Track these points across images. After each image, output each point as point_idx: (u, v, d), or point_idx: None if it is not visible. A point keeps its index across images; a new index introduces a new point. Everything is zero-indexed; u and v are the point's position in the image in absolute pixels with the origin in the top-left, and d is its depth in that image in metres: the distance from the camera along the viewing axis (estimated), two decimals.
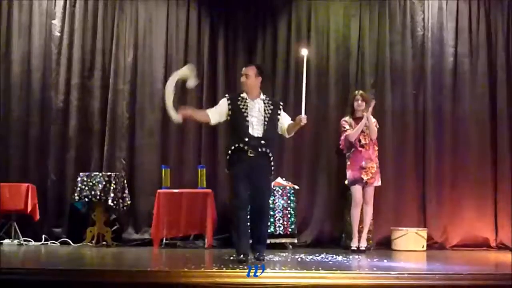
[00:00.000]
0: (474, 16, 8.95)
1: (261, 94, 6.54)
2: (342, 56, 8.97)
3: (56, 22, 8.87)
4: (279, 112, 6.52)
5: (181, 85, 8.80)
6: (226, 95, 6.77)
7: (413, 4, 9.01)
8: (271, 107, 6.47)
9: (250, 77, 6.46)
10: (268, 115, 6.41)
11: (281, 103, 6.67)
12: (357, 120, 7.95)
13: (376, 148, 7.95)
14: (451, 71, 8.90)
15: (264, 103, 6.47)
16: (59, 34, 8.86)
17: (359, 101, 7.95)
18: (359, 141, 7.88)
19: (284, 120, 6.57)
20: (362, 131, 7.89)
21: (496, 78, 8.85)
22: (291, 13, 9.03)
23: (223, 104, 6.53)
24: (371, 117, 7.85)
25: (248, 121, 6.35)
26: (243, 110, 6.38)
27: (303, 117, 6.32)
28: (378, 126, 8.01)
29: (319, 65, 8.95)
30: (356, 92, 8.13)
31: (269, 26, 9.04)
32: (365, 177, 7.81)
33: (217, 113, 6.55)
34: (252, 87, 6.47)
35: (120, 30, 8.95)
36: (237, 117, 6.39)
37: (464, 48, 8.93)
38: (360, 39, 8.95)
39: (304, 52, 6.49)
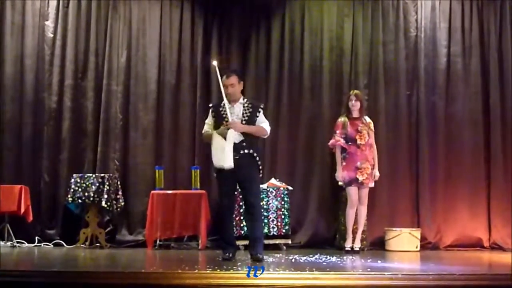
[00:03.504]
0: (467, 16, 8.97)
1: (242, 98, 6.74)
2: (336, 56, 8.98)
3: (49, 23, 8.85)
4: (257, 114, 6.68)
5: (176, 84, 8.90)
6: (210, 104, 6.99)
7: (406, 4, 9.03)
8: (250, 110, 6.66)
9: (235, 85, 6.68)
10: (246, 118, 6.61)
11: (261, 106, 6.81)
12: (353, 120, 7.95)
13: (373, 149, 7.95)
14: (444, 71, 8.92)
15: (244, 107, 6.66)
16: (52, 35, 8.83)
17: (353, 101, 7.97)
18: (355, 141, 7.89)
19: (258, 123, 6.70)
20: (359, 131, 7.90)
21: (489, 77, 8.88)
22: (285, 13, 9.03)
23: (209, 117, 6.82)
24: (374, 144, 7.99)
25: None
26: (224, 115, 6.58)
27: (230, 123, 6.48)
28: (373, 129, 8.02)
29: (313, 65, 8.96)
30: (351, 92, 8.15)
31: (262, 26, 9.04)
32: (360, 178, 7.82)
33: (211, 126, 6.76)
34: (236, 94, 6.69)
35: (113, 30, 8.93)
36: (219, 122, 6.60)
37: (457, 48, 8.95)
38: (354, 39, 8.96)
39: (214, 63, 6.70)
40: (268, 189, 8.25)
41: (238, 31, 9.03)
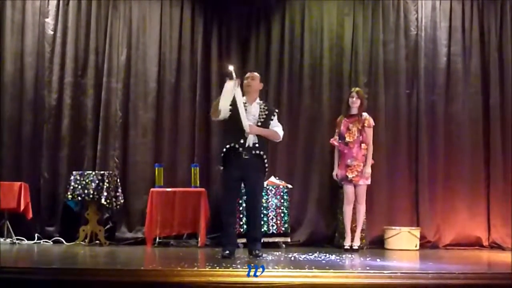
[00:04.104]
0: (467, 16, 8.97)
1: (258, 99, 6.85)
2: (336, 55, 8.98)
3: (50, 21, 8.85)
4: (272, 118, 6.84)
5: (176, 82, 8.90)
6: None
7: (406, 3, 9.03)
8: (266, 112, 6.80)
9: (256, 80, 6.84)
10: (262, 120, 6.75)
11: (276, 111, 6.96)
12: (351, 117, 7.97)
13: (364, 147, 7.93)
14: (444, 70, 8.92)
15: (260, 108, 6.79)
16: (52, 33, 8.84)
17: (354, 98, 7.97)
18: (344, 138, 7.91)
19: (272, 127, 6.84)
20: (349, 129, 7.92)
21: (489, 77, 8.87)
22: (285, 12, 9.04)
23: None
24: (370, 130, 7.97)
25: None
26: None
27: (246, 127, 6.54)
28: (371, 125, 8.02)
29: (313, 65, 8.96)
30: (353, 89, 8.16)
31: (262, 25, 9.05)
32: (349, 175, 7.84)
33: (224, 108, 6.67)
34: (254, 91, 6.81)
35: (113, 28, 8.93)
36: (235, 118, 6.56)
37: (457, 47, 8.95)
38: (354, 38, 8.96)
39: (230, 67, 6.62)
40: (267, 187, 8.25)
41: (238, 30, 9.03)
